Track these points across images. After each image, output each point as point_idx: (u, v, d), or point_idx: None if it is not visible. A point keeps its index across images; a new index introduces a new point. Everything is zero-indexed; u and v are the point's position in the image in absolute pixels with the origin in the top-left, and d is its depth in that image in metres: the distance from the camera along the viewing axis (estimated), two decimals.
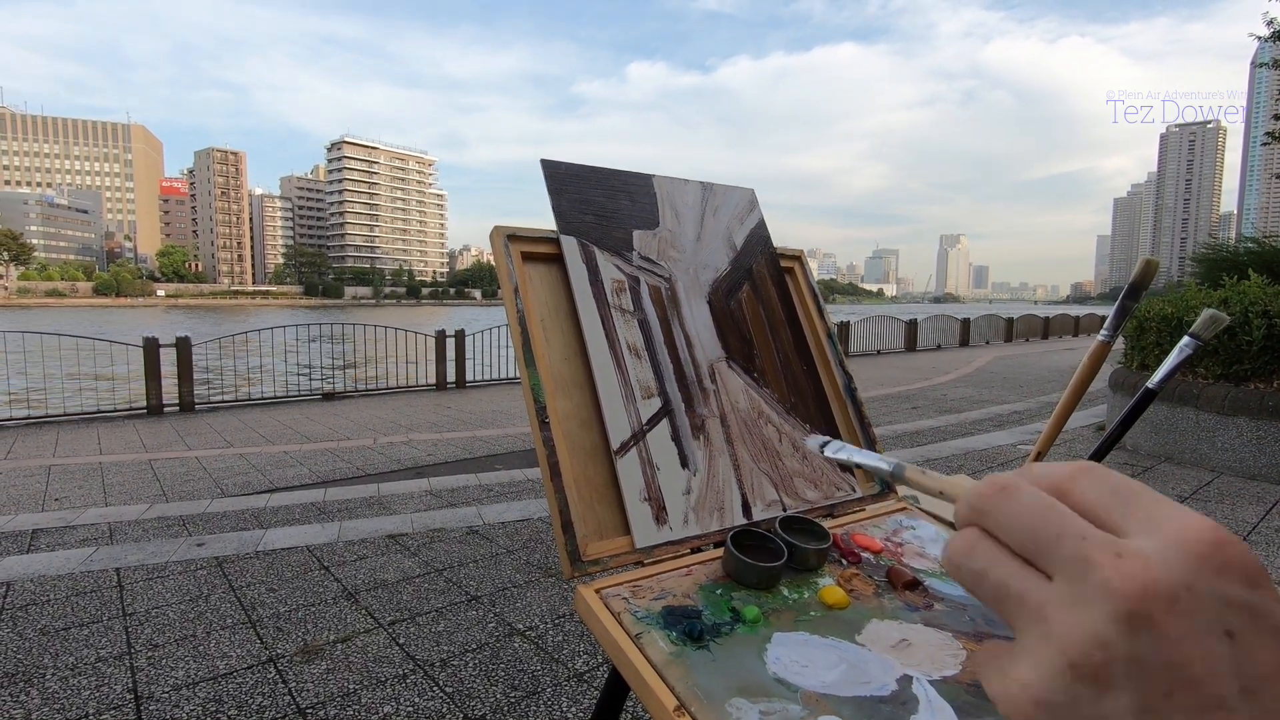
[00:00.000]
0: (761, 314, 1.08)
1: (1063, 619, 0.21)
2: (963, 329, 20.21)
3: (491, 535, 3.43)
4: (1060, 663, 0.21)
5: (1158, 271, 0.96)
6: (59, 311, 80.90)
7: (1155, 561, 0.20)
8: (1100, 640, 0.20)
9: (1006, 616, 0.23)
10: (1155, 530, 0.21)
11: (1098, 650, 0.20)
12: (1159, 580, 0.20)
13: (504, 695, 2.04)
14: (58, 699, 2.01)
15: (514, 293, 0.87)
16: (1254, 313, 4.33)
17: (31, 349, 8.23)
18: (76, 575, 2.93)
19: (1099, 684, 0.20)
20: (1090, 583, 0.21)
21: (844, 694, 0.63)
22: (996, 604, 0.23)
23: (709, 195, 1.11)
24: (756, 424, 0.98)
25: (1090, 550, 0.21)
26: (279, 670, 2.17)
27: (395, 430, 7.14)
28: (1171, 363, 0.90)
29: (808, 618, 0.74)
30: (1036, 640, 0.22)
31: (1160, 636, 0.20)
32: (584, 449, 0.86)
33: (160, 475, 5.16)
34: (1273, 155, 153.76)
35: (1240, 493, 4.04)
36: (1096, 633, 0.20)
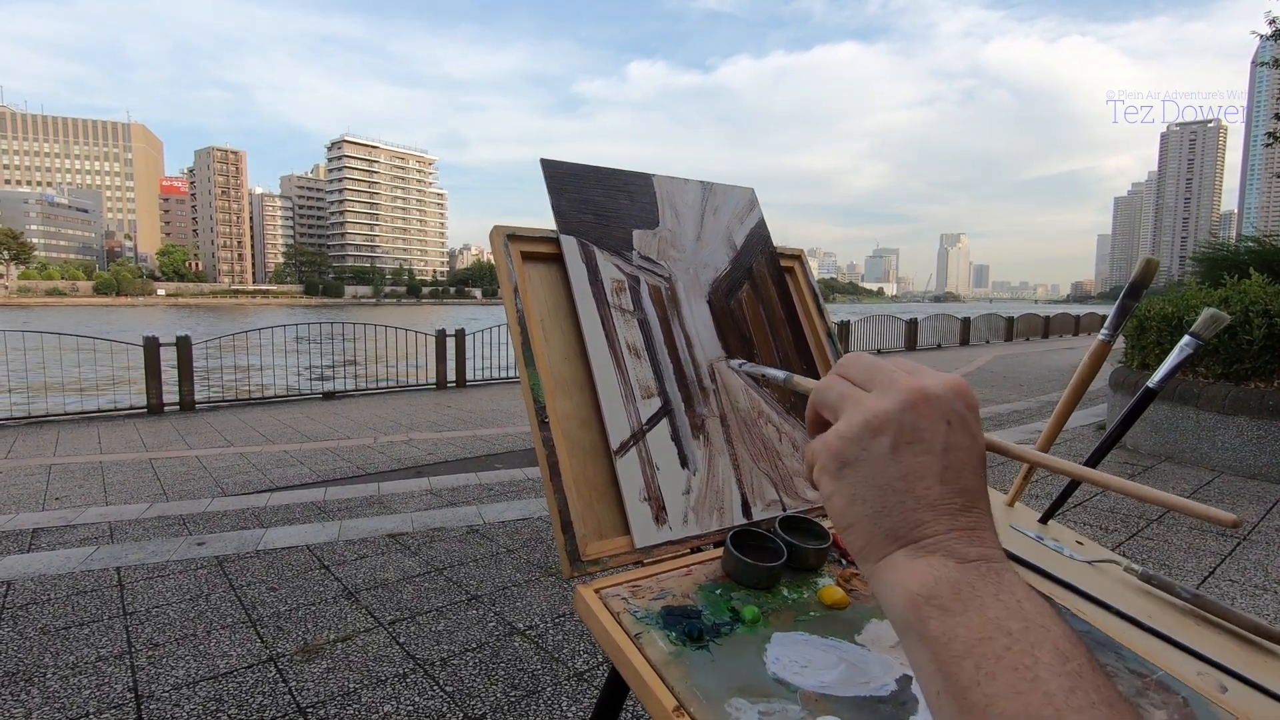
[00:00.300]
0: (761, 313, 1.08)
1: (870, 402, 0.38)
2: (963, 328, 20.20)
3: (492, 534, 3.43)
4: (861, 419, 0.37)
5: (1158, 271, 0.96)
6: (59, 310, 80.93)
7: (929, 382, 0.37)
8: (886, 411, 0.37)
9: (840, 410, 0.39)
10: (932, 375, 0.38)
11: (883, 415, 0.37)
12: (928, 389, 0.37)
13: (504, 694, 2.04)
14: (58, 698, 2.01)
15: (514, 292, 0.87)
16: (1254, 312, 4.32)
17: (32, 348, 8.23)
18: (77, 574, 2.93)
19: (876, 431, 0.37)
20: (892, 388, 0.37)
21: (843, 694, 0.63)
22: (837, 403, 0.39)
23: (709, 194, 1.11)
24: (756, 424, 0.98)
25: (896, 376, 0.38)
26: (279, 669, 2.17)
27: (395, 429, 7.14)
28: (1172, 362, 0.90)
29: (807, 617, 0.74)
30: (853, 413, 0.38)
31: (917, 415, 0.36)
32: (584, 449, 0.85)
33: (160, 474, 5.16)
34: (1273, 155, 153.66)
35: (1240, 492, 4.04)
36: (885, 408, 0.37)
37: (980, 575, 0.34)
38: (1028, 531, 0.99)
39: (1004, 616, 0.32)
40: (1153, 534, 3.37)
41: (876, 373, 0.39)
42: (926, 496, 0.35)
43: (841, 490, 0.38)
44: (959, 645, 0.32)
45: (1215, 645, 0.78)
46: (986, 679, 0.30)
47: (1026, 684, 0.29)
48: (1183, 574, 2.91)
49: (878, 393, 0.38)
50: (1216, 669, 0.74)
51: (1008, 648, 0.31)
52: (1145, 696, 0.67)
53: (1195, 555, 3.10)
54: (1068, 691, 0.29)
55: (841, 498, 0.38)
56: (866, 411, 0.37)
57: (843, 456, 0.37)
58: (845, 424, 0.38)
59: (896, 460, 0.36)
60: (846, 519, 0.38)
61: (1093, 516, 3.60)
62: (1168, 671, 0.71)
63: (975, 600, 0.33)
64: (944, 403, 0.37)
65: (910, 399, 0.36)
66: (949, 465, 0.36)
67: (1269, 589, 2.76)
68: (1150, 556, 3.09)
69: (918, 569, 0.34)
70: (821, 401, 0.41)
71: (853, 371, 0.40)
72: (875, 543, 0.36)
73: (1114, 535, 3.35)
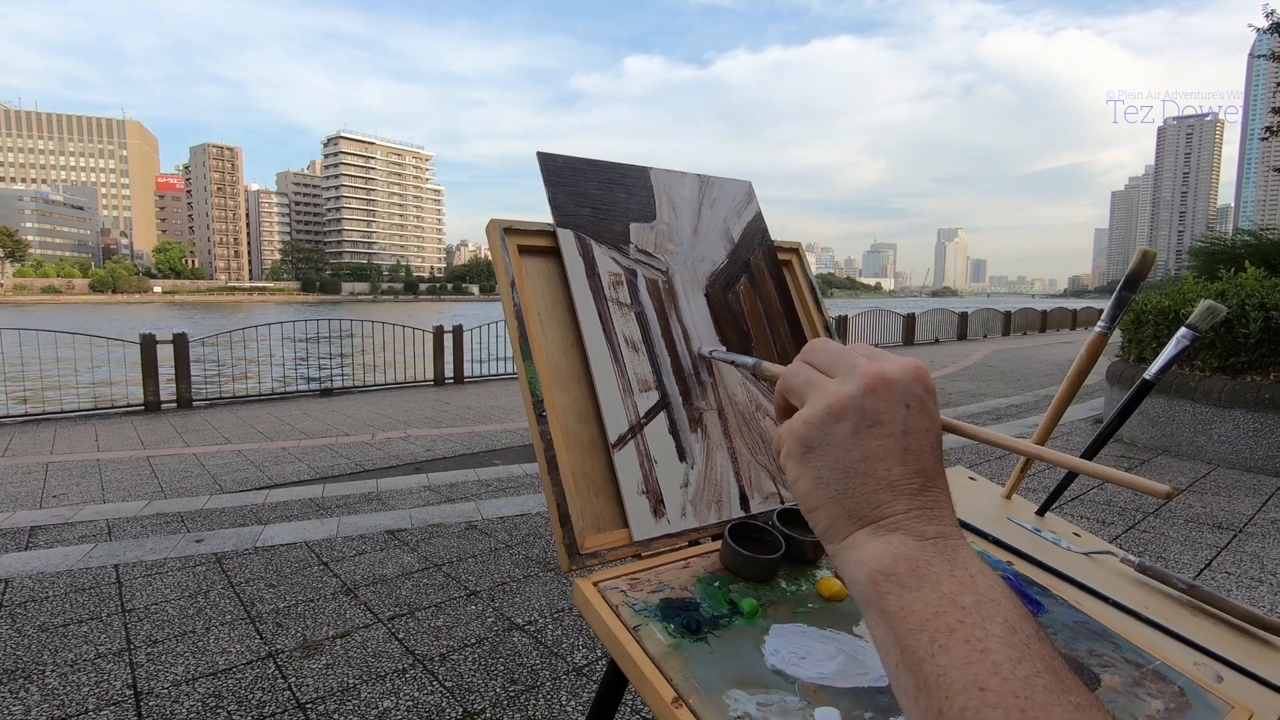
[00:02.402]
0: (759, 307, 1.08)
1: (832, 388, 0.39)
2: (960, 323, 20.23)
3: (490, 530, 3.43)
4: (824, 405, 0.39)
5: (1154, 263, 0.96)
6: (55, 308, 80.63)
7: (888, 367, 0.39)
8: (847, 396, 0.38)
9: (805, 395, 0.41)
10: (891, 360, 0.40)
11: (844, 400, 0.38)
12: (886, 373, 0.38)
13: (503, 689, 2.04)
14: (57, 695, 2.01)
15: (510, 286, 0.87)
16: (1251, 305, 4.33)
17: (28, 346, 8.20)
18: (75, 572, 2.93)
19: (838, 417, 0.38)
20: (853, 374, 0.39)
21: (842, 685, 0.63)
22: (802, 389, 0.41)
23: (706, 188, 1.11)
24: (754, 417, 0.98)
25: (857, 362, 0.40)
26: (278, 665, 2.17)
27: (393, 426, 7.14)
28: (1169, 354, 0.90)
29: (805, 609, 0.74)
30: (816, 399, 0.40)
31: (876, 399, 0.38)
32: (581, 442, 0.85)
33: (158, 472, 5.16)
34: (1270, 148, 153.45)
35: (1237, 484, 4.06)
36: (847, 393, 0.38)
37: (937, 552, 0.35)
38: (1025, 524, 0.99)
39: (958, 591, 0.33)
40: (1149, 526, 3.38)
41: (839, 359, 0.41)
42: (887, 477, 0.37)
43: (806, 474, 0.39)
44: (915, 619, 0.33)
45: (1211, 635, 0.78)
46: (940, 651, 0.32)
47: (977, 654, 0.31)
48: (1179, 566, 2.92)
49: (840, 378, 0.39)
50: (1213, 659, 0.74)
51: (960, 621, 0.32)
52: (1142, 686, 0.68)
53: (1191, 548, 3.12)
54: (1015, 661, 0.31)
55: (807, 481, 0.39)
56: (829, 397, 0.39)
57: (807, 441, 0.39)
58: (810, 409, 0.39)
59: (858, 443, 0.37)
60: (812, 501, 0.39)
61: (1090, 510, 3.61)
62: (1164, 661, 0.71)
63: (931, 576, 0.34)
64: (902, 386, 0.38)
65: (870, 384, 0.38)
66: (908, 447, 0.37)
67: (1264, 580, 2.77)
68: (1147, 549, 3.10)
69: (878, 547, 0.36)
70: (788, 388, 0.43)
71: (817, 358, 0.42)
72: (839, 523, 0.38)
73: (1111, 528, 3.36)
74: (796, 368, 0.43)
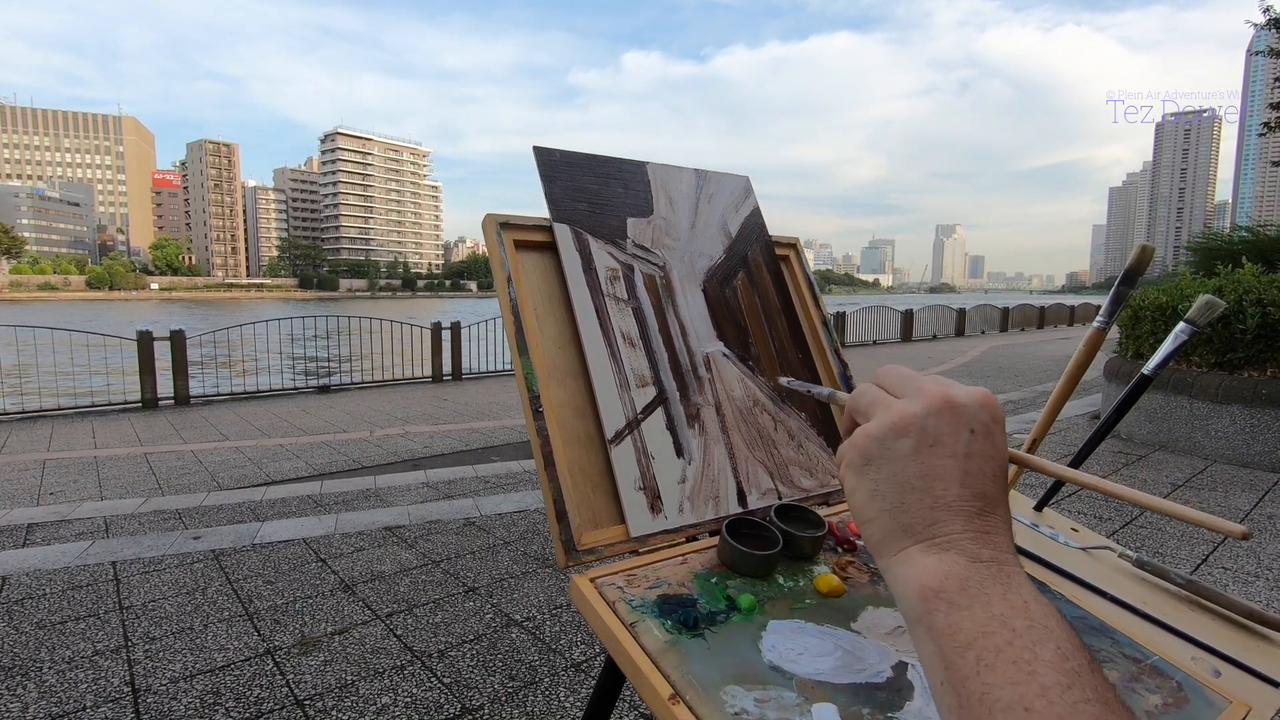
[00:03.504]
0: (757, 302, 1.08)
1: (898, 406, 0.40)
2: (958, 319, 20.24)
3: (488, 527, 3.43)
4: (888, 421, 0.40)
5: (1152, 259, 0.96)
6: (52, 306, 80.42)
7: (955, 392, 0.40)
8: (912, 414, 0.39)
9: (871, 413, 0.41)
10: (959, 386, 0.40)
11: (908, 418, 0.39)
12: (953, 397, 0.39)
13: (502, 685, 2.04)
14: (55, 692, 2.01)
15: (507, 281, 0.86)
16: (1248, 301, 4.34)
17: (25, 343, 8.18)
18: (72, 569, 2.92)
19: (899, 433, 0.39)
20: (920, 395, 0.40)
21: (839, 681, 0.63)
22: (869, 408, 0.42)
23: (703, 182, 1.10)
24: (752, 413, 0.98)
25: (924, 384, 0.41)
26: (277, 662, 2.17)
27: (392, 423, 7.13)
28: (1167, 349, 0.90)
29: (803, 605, 0.74)
30: (881, 415, 0.40)
31: (940, 420, 0.38)
32: (578, 438, 0.85)
33: (156, 469, 5.15)
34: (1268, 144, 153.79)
35: (1233, 480, 4.07)
36: (912, 411, 0.39)
37: (990, 575, 0.35)
38: (1023, 519, 0.99)
39: (1009, 614, 0.33)
40: (1146, 521, 3.39)
41: (908, 381, 0.42)
42: (944, 497, 0.37)
43: (863, 485, 0.40)
44: (962, 637, 0.33)
45: (1209, 630, 0.78)
46: (986, 670, 0.31)
47: (1024, 676, 0.31)
48: (1176, 561, 2.93)
49: (907, 398, 0.40)
50: (1210, 654, 0.74)
51: (1009, 642, 0.32)
52: (1140, 681, 0.68)
53: (1189, 543, 3.12)
54: (1064, 687, 0.30)
55: (863, 492, 0.40)
56: (894, 413, 0.39)
57: (867, 453, 0.40)
58: (874, 424, 0.40)
59: (918, 460, 0.38)
60: (866, 513, 0.39)
61: (1087, 505, 3.62)
62: (1162, 656, 0.71)
63: (982, 597, 0.34)
64: (968, 411, 0.39)
65: (936, 405, 0.39)
66: (969, 470, 0.37)
67: (1261, 575, 2.78)
68: (1144, 544, 3.11)
69: (930, 564, 0.36)
70: (855, 407, 0.43)
71: (887, 380, 0.43)
72: (892, 537, 0.38)
73: (1108, 523, 3.37)
74: (865, 388, 0.43)
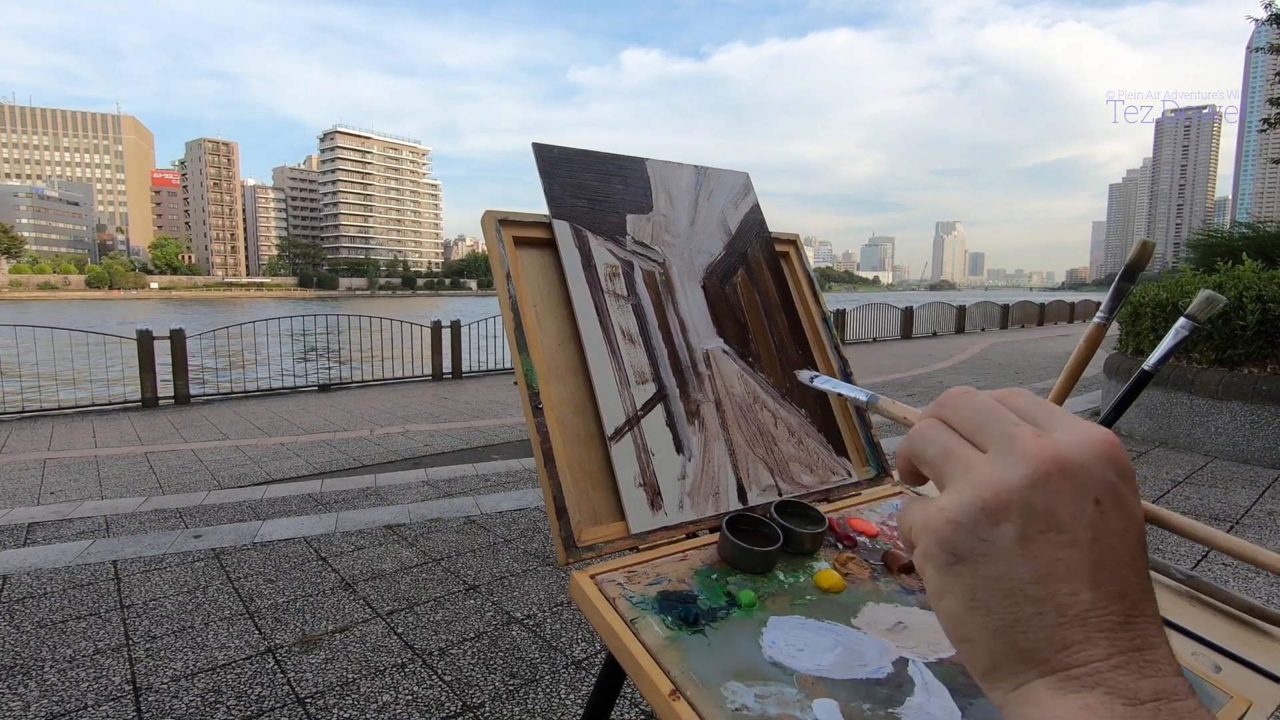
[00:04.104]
0: (757, 299, 1.08)
1: (985, 471, 0.29)
2: (959, 316, 20.24)
3: (489, 525, 3.43)
4: (975, 498, 0.28)
5: (1153, 254, 0.95)
6: (52, 305, 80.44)
7: (1064, 444, 0.28)
8: (1008, 487, 0.28)
9: (943, 473, 0.31)
10: (1068, 430, 0.29)
11: (1004, 494, 0.28)
12: (1064, 455, 0.28)
13: (502, 683, 2.04)
14: (56, 691, 2.01)
15: (506, 278, 0.86)
16: (1248, 297, 4.33)
17: (24, 342, 8.18)
18: (73, 568, 2.92)
19: (997, 516, 0.28)
20: (1013, 451, 0.28)
21: (840, 677, 0.63)
22: (938, 462, 0.31)
23: (703, 179, 1.10)
24: (752, 409, 0.98)
25: (1018, 431, 0.29)
26: (278, 660, 2.17)
27: (392, 421, 7.13)
28: (1168, 344, 0.90)
29: (803, 601, 0.74)
30: (962, 485, 0.29)
31: (1051, 493, 0.27)
32: (578, 435, 0.85)
33: (156, 468, 5.15)
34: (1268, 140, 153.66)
35: (1233, 476, 4.07)
36: (1008, 482, 0.28)
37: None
38: None
39: None
40: None
41: (991, 423, 0.30)
42: (1073, 606, 0.27)
43: (956, 591, 0.29)
44: None
45: (1209, 625, 0.78)
46: None
47: None
48: (1176, 556, 2.93)
49: (995, 455, 0.29)
50: (1211, 649, 0.74)
51: None
52: None
53: (1189, 539, 3.13)
54: None
55: (956, 601, 0.29)
56: (982, 485, 0.28)
57: (955, 547, 0.29)
58: (954, 501, 0.29)
59: (1028, 556, 0.27)
60: (965, 629, 0.29)
61: None
62: None
63: None
64: (1089, 474, 0.28)
65: (1041, 470, 0.28)
66: (1100, 561, 0.27)
67: (1261, 571, 2.78)
68: None
69: (1070, 711, 0.26)
70: (918, 455, 0.32)
71: (959, 418, 0.31)
72: (1006, 665, 0.28)
73: None
74: (931, 430, 0.32)
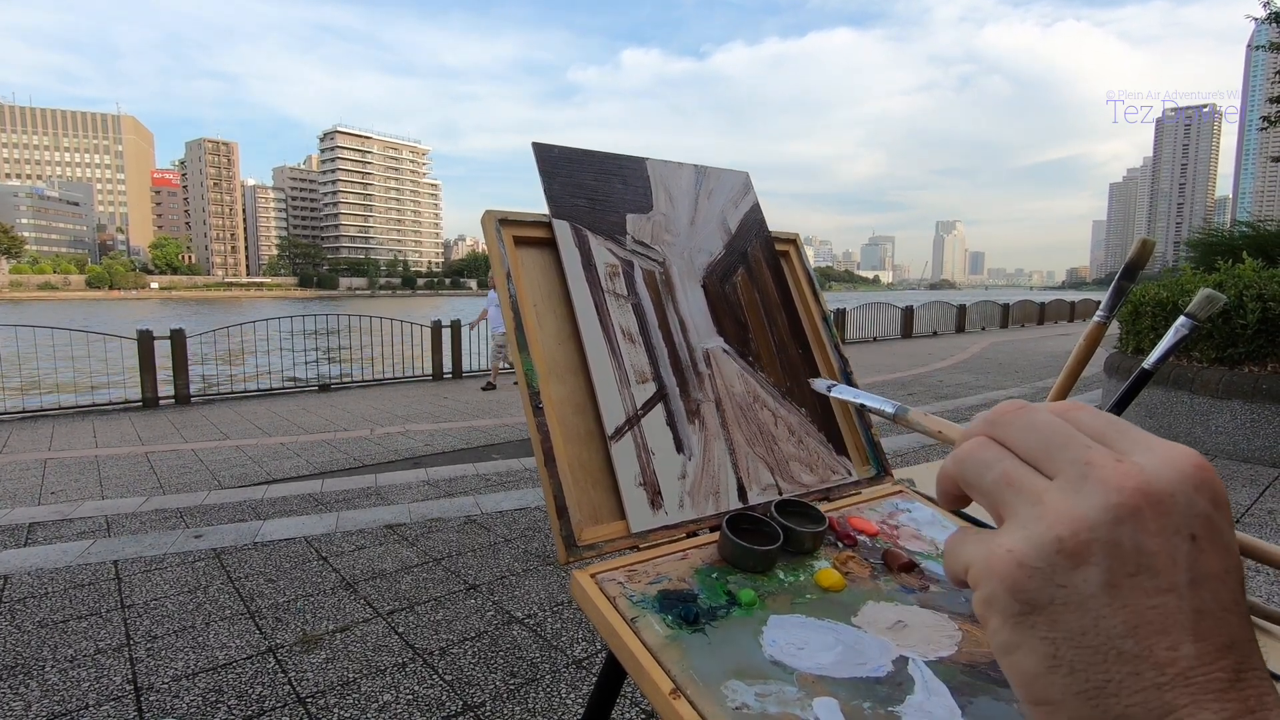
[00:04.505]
0: (757, 298, 1.08)
1: (1058, 503, 0.24)
2: (959, 315, 20.23)
3: (489, 524, 3.43)
4: (1050, 536, 0.24)
5: (1153, 254, 0.95)
6: (52, 305, 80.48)
7: (1149, 470, 0.24)
8: (1089, 523, 0.23)
9: (1002, 504, 0.26)
10: (1149, 452, 0.25)
11: (1085, 531, 0.23)
12: (1151, 484, 0.23)
13: (503, 683, 2.04)
14: (57, 691, 2.01)
15: (506, 277, 0.86)
16: (1249, 296, 4.33)
17: (25, 342, 8.18)
18: (74, 568, 2.92)
19: (1077, 558, 0.23)
20: (1090, 479, 0.24)
21: (840, 675, 0.63)
22: (996, 491, 0.26)
23: (703, 178, 1.10)
24: (752, 408, 0.98)
25: (1093, 456, 0.25)
26: (278, 660, 2.18)
27: (392, 421, 7.13)
28: (1168, 343, 0.90)
29: (804, 600, 0.74)
30: (1030, 519, 0.25)
31: (1140, 529, 0.23)
32: (578, 434, 0.85)
33: (157, 468, 5.15)
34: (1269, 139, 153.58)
35: (1234, 475, 4.07)
36: (1087, 517, 0.23)
37: None
38: None
39: None
40: None
41: (1058, 446, 0.25)
42: (1174, 663, 0.22)
43: (1031, 646, 0.24)
44: None
45: None
46: None
47: None
48: None
49: (1066, 483, 0.25)
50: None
51: None
52: None
53: None
54: None
55: (1033, 658, 0.24)
56: (1057, 521, 0.24)
57: (1028, 595, 0.24)
58: (1024, 539, 0.24)
59: (1116, 604, 0.23)
60: (1042, 691, 0.24)
61: None
62: None
63: None
64: (1181, 506, 0.23)
65: (1125, 503, 0.23)
66: (1201, 608, 0.23)
67: (1262, 570, 2.78)
68: None
69: None
70: (972, 482, 0.27)
71: (1018, 438, 0.27)
72: None
73: None
74: (984, 450, 0.27)
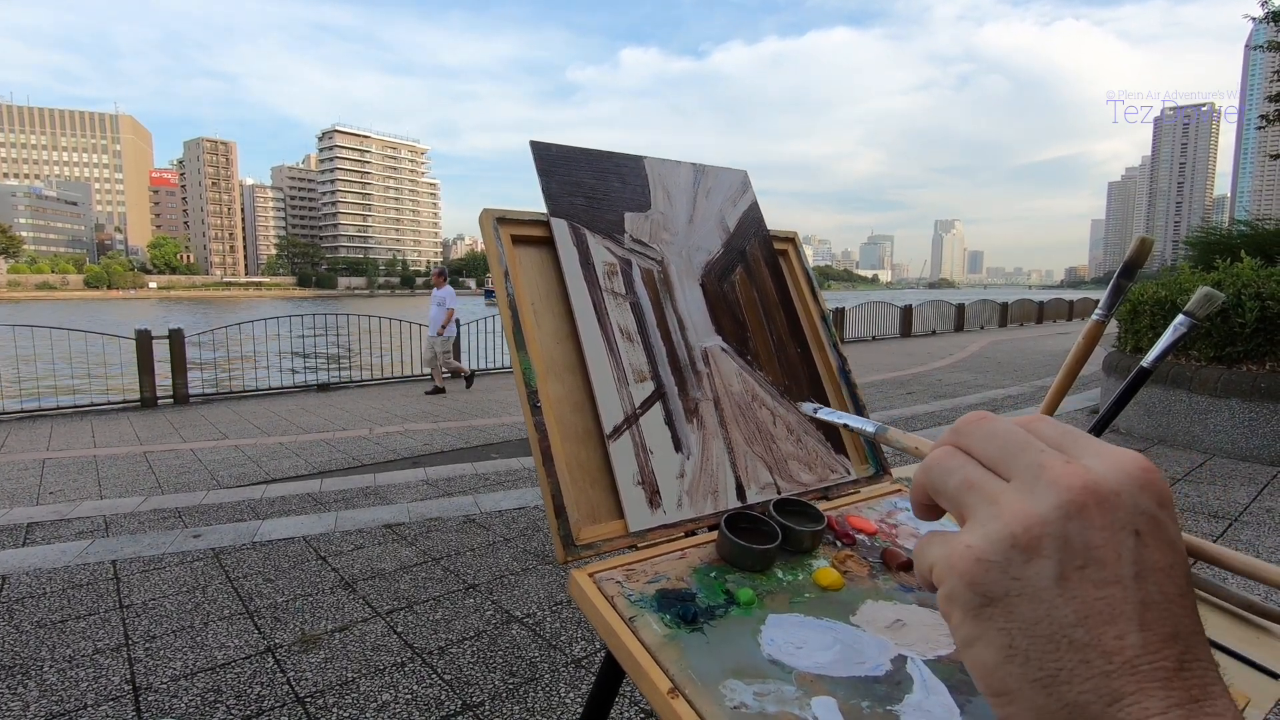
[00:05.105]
0: (755, 297, 1.08)
1: (1013, 503, 0.26)
2: (958, 314, 20.25)
3: (488, 524, 3.43)
4: (1005, 532, 0.26)
5: (1151, 251, 0.95)
6: (50, 305, 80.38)
7: (1097, 471, 0.26)
8: (1040, 519, 0.25)
9: (964, 506, 0.28)
10: (1098, 456, 0.27)
11: (1037, 526, 0.25)
12: (1098, 483, 0.26)
13: (502, 682, 2.04)
14: (55, 690, 2.01)
15: (504, 276, 0.86)
16: (1247, 295, 4.34)
17: (23, 342, 8.17)
18: (73, 568, 2.92)
19: (1030, 552, 0.25)
20: (1042, 480, 0.26)
21: (839, 674, 0.63)
22: (958, 494, 0.29)
23: (701, 177, 1.10)
24: (750, 407, 0.98)
25: (1046, 459, 0.27)
26: (277, 660, 2.17)
27: (391, 420, 7.13)
28: (1166, 341, 0.90)
29: (802, 599, 0.74)
30: (987, 518, 0.27)
31: (1087, 525, 0.25)
32: (576, 433, 0.85)
33: (155, 468, 5.15)
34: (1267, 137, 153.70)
35: (1232, 474, 4.07)
36: (1039, 514, 0.26)
37: None
38: None
39: None
40: None
41: (1014, 450, 0.28)
42: (1121, 651, 0.24)
43: (989, 638, 0.26)
44: None
45: (1207, 622, 0.78)
46: None
47: None
48: None
49: (1021, 485, 0.27)
50: (1210, 645, 0.74)
51: None
52: None
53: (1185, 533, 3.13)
54: None
55: (990, 649, 0.26)
56: (1011, 519, 0.26)
57: (985, 588, 0.26)
58: (981, 536, 0.27)
59: (1067, 595, 0.25)
60: (1001, 681, 0.25)
61: None
62: None
63: None
64: (1126, 503, 0.25)
65: (1074, 500, 0.25)
66: (1147, 600, 0.25)
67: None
68: None
69: None
70: (936, 488, 0.30)
71: (980, 446, 0.29)
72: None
73: None
74: (949, 459, 0.30)
